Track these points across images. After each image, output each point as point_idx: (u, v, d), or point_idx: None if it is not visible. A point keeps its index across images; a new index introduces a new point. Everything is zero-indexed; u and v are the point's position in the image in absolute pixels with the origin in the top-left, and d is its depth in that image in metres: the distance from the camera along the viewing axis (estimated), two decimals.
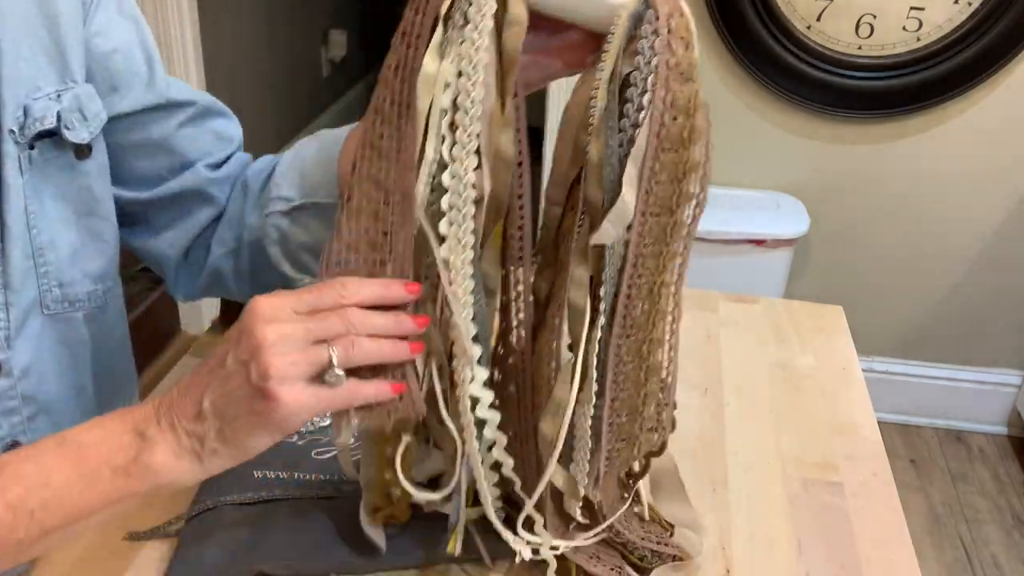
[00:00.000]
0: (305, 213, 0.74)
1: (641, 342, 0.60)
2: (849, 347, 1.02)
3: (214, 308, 2.40)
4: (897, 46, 1.81)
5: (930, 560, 1.85)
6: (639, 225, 0.56)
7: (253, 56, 2.81)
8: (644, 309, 0.59)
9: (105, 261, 0.73)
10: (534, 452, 0.64)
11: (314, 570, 0.68)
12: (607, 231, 0.57)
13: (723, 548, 0.73)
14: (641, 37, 0.54)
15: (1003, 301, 2.07)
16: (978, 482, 2.08)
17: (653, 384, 0.62)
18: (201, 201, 0.77)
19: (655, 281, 0.58)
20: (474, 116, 0.55)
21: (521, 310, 0.62)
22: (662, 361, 0.62)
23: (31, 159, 0.65)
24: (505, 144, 0.57)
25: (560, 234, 0.61)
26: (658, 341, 0.61)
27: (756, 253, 1.86)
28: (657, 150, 0.55)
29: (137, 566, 0.69)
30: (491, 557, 0.70)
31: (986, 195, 1.96)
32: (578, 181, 0.58)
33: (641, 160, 0.55)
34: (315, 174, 0.73)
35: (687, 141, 0.55)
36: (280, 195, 0.74)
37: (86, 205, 0.70)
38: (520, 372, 0.63)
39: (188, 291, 0.83)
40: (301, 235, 0.74)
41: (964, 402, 2.20)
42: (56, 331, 0.70)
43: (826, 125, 1.93)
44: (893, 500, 0.79)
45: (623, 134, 0.56)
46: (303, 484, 0.75)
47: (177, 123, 0.75)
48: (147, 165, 0.75)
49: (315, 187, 0.73)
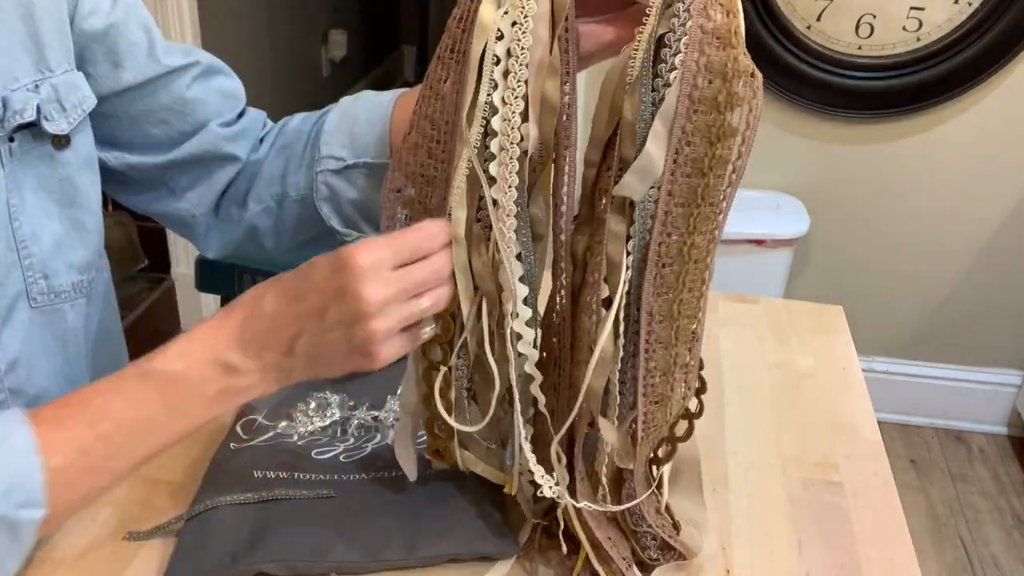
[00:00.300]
0: (356, 172, 0.76)
1: (672, 302, 0.61)
2: (849, 347, 1.02)
3: (214, 308, 2.40)
4: (897, 46, 1.81)
5: (930, 560, 1.85)
6: (668, 184, 0.58)
7: (253, 56, 2.81)
8: (674, 270, 0.60)
9: (89, 252, 0.73)
10: (567, 403, 0.66)
11: (314, 570, 0.68)
12: (629, 183, 0.58)
13: (723, 548, 0.73)
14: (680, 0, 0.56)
15: (1003, 301, 2.07)
16: (978, 482, 2.08)
17: (683, 346, 0.64)
18: (219, 159, 0.78)
19: (685, 242, 0.60)
20: (523, 63, 0.58)
21: (562, 267, 0.65)
22: (692, 324, 0.63)
23: (11, 151, 0.65)
24: (551, 91, 0.59)
25: (596, 192, 0.63)
26: (688, 303, 0.62)
27: (756, 253, 1.86)
28: (689, 111, 0.56)
29: (137, 566, 0.69)
30: (498, 552, 0.70)
31: (986, 195, 1.96)
32: (614, 142, 0.61)
33: (671, 119, 0.57)
34: (366, 135, 0.75)
35: (723, 106, 0.56)
36: (331, 154, 0.76)
37: (67, 196, 0.70)
38: (562, 325, 0.66)
39: (220, 249, 0.84)
40: (351, 193, 0.76)
41: (964, 402, 2.20)
42: (44, 324, 0.70)
43: (826, 125, 1.93)
44: (893, 500, 0.79)
45: (655, 93, 0.57)
46: (303, 484, 0.75)
47: (184, 86, 0.75)
48: (161, 131, 0.76)
49: (366, 147, 0.75)
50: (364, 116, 0.75)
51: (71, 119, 0.68)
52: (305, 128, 0.79)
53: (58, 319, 0.71)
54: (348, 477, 0.77)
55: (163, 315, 2.41)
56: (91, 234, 0.73)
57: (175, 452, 0.80)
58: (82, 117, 0.69)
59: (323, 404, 0.86)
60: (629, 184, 0.58)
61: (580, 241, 0.64)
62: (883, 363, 2.18)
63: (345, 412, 0.85)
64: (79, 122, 0.69)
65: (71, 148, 0.69)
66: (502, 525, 0.72)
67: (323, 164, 0.76)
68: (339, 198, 0.77)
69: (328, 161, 0.76)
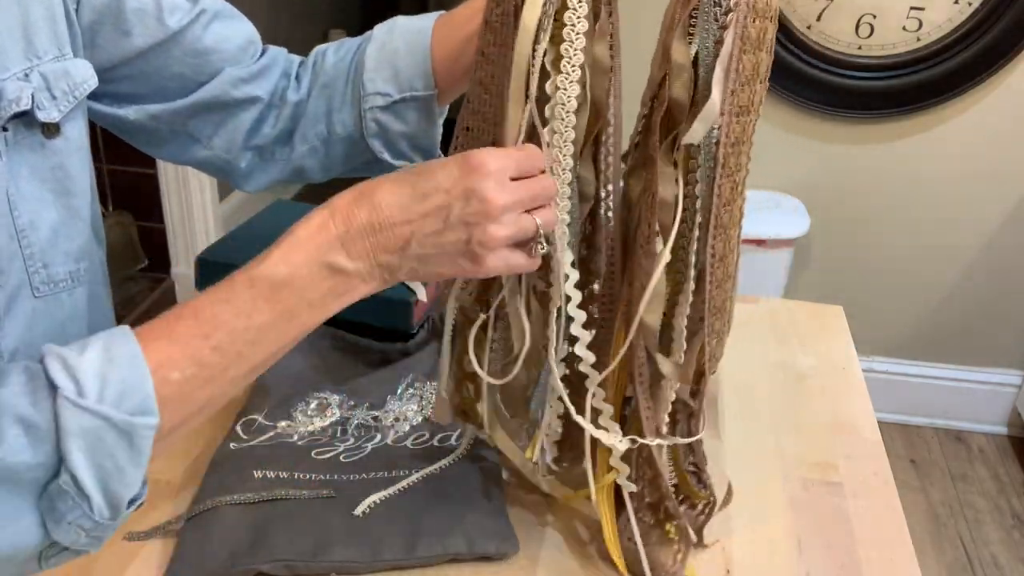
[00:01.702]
0: (404, 106, 0.77)
1: (726, 240, 0.64)
2: (849, 347, 1.02)
3: None
4: (897, 46, 1.81)
5: (930, 560, 1.85)
6: (726, 126, 0.60)
7: None
8: (729, 208, 0.63)
9: (83, 240, 0.73)
10: (621, 331, 0.68)
11: (314, 570, 0.68)
12: (696, 131, 0.60)
13: (723, 548, 0.73)
14: None
15: (1003, 301, 2.07)
16: (978, 482, 2.08)
17: (730, 284, 0.67)
18: (238, 103, 0.79)
19: (735, 180, 0.63)
20: (580, 31, 0.60)
21: (610, 208, 0.67)
22: (734, 263, 0.67)
23: (7, 141, 0.65)
24: (600, 53, 0.61)
25: (647, 131, 0.64)
26: (733, 241, 0.65)
27: (756, 253, 1.86)
28: (740, 52, 0.58)
29: (137, 566, 0.69)
30: (498, 552, 0.70)
31: (986, 195, 1.96)
32: (664, 83, 0.62)
33: (727, 61, 0.59)
34: (408, 67, 0.76)
35: (760, 44, 0.59)
36: (377, 91, 0.77)
37: (61, 184, 0.70)
38: (609, 270, 0.68)
39: (266, 185, 0.85)
40: (400, 126, 0.78)
41: (964, 402, 2.20)
42: (45, 312, 0.70)
43: (826, 125, 1.93)
44: (893, 500, 0.79)
45: (710, 36, 0.59)
46: (303, 484, 0.75)
47: (194, 38, 0.75)
48: (178, 84, 0.76)
49: (411, 80, 0.76)
50: (404, 48, 0.76)
51: (61, 107, 0.68)
52: (344, 64, 0.79)
53: (57, 307, 0.71)
54: (348, 477, 0.77)
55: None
56: (85, 222, 0.73)
57: (175, 452, 0.81)
58: (73, 104, 0.69)
59: (323, 404, 0.86)
60: (696, 131, 0.60)
61: (635, 185, 0.67)
62: (883, 363, 2.18)
63: (345, 412, 0.85)
64: (70, 109, 0.69)
65: (61, 136, 0.69)
66: (502, 525, 0.72)
67: (370, 101, 0.77)
68: (389, 132, 0.78)
69: (375, 98, 0.77)
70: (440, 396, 0.76)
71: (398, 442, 0.82)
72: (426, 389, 0.88)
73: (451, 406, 0.76)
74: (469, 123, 0.66)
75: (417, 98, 0.76)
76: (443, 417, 0.76)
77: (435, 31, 0.75)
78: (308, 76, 0.81)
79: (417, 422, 0.84)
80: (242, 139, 0.81)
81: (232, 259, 0.95)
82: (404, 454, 0.80)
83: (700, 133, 0.60)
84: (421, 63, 0.75)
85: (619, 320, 0.68)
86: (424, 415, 0.85)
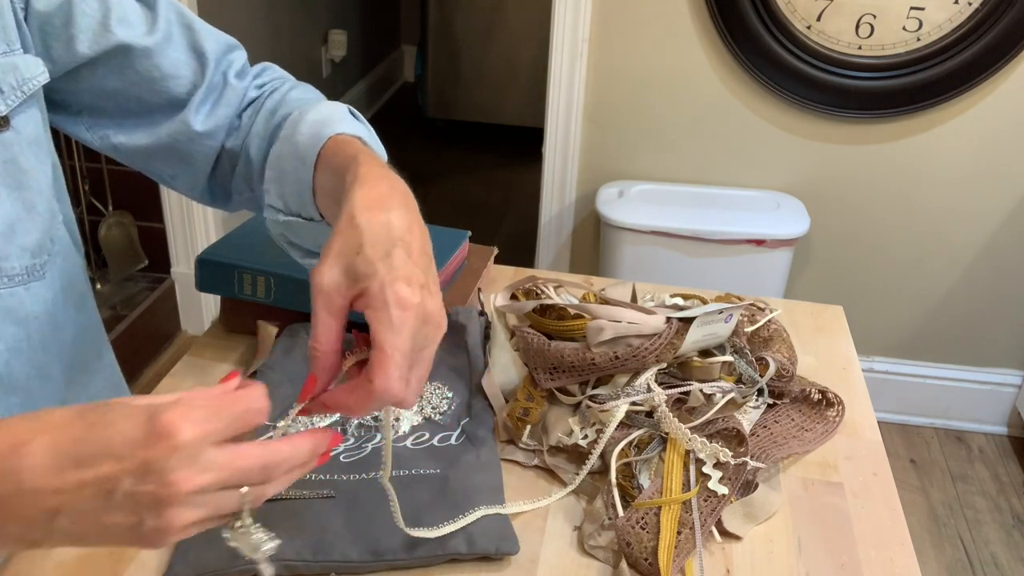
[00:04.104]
0: (295, 221, 0.73)
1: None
2: (849, 347, 1.02)
3: (214, 308, 2.40)
4: (897, 46, 1.81)
5: (930, 560, 1.85)
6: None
7: (253, 56, 2.80)
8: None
9: (40, 234, 0.73)
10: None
11: (314, 570, 0.68)
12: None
13: (723, 548, 0.73)
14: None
15: (1003, 301, 2.08)
16: (978, 482, 2.08)
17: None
18: (193, 153, 0.80)
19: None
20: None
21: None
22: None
23: None
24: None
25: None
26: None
27: (756, 253, 1.86)
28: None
29: (137, 566, 0.69)
30: (499, 552, 0.70)
31: (986, 195, 1.96)
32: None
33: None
34: (293, 195, 0.72)
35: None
36: (271, 203, 0.74)
37: (14, 178, 0.69)
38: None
39: (243, 208, 0.86)
40: (293, 237, 0.75)
41: (964, 402, 2.20)
42: (3, 309, 0.69)
43: (826, 125, 1.93)
44: (893, 500, 0.79)
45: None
46: (303, 484, 0.75)
47: (148, 61, 0.75)
48: (139, 108, 0.77)
49: (296, 206, 0.72)
50: (291, 175, 0.71)
51: (9, 101, 0.68)
52: (263, 145, 0.78)
53: (16, 304, 0.71)
54: (348, 477, 0.77)
55: (163, 315, 2.41)
56: (42, 216, 0.72)
57: None
58: (22, 99, 0.69)
59: None
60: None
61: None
62: (883, 363, 2.18)
63: None
64: (19, 103, 0.69)
65: (11, 129, 0.69)
66: (502, 525, 0.72)
67: (267, 211, 0.74)
68: (287, 237, 0.75)
69: (269, 210, 0.74)
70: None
71: (398, 442, 0.82)
72: (426, 389, 0.88)
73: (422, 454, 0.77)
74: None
75: (303, 218, 0.72)
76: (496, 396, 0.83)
77: (318, 167, 0.68)
78: (244, 130, 0.80)
79: (417, 422, 0.84)
80: (204, 181, 0.82)
81: (232, 259, 0.95)
82: (404, 454, 0.80)
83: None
84: (305, 192, 0.70)
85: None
86: (424, 415, 0.85)
